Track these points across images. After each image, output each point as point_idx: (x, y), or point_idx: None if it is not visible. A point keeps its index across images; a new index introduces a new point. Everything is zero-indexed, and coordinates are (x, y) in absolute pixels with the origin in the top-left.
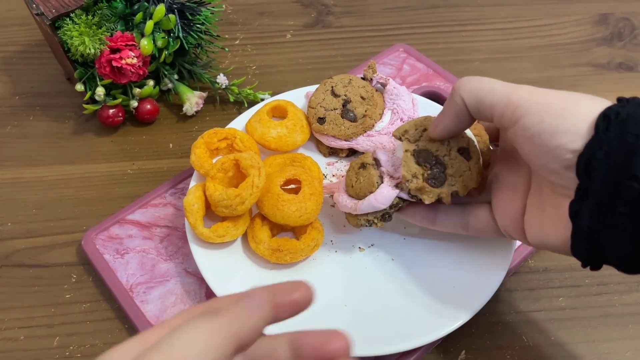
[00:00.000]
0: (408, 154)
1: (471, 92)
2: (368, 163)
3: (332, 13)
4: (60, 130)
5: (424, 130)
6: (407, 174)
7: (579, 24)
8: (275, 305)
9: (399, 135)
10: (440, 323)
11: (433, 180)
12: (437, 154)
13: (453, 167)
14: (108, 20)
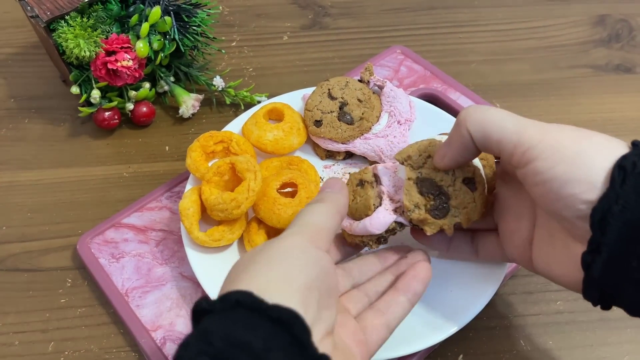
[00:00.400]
0: (411, 182)
1: (478, 125)
2: (367, 181)
3: (329, 15)
4: (56, 133)
5: (428, 157)
6: (409, 203)
7: (576, 26)
8: None
9: (402, 160)
10: (437, 327)
11: (436, 211)
12: (442, 184)
13: (457, 198)
14: (103, 22)
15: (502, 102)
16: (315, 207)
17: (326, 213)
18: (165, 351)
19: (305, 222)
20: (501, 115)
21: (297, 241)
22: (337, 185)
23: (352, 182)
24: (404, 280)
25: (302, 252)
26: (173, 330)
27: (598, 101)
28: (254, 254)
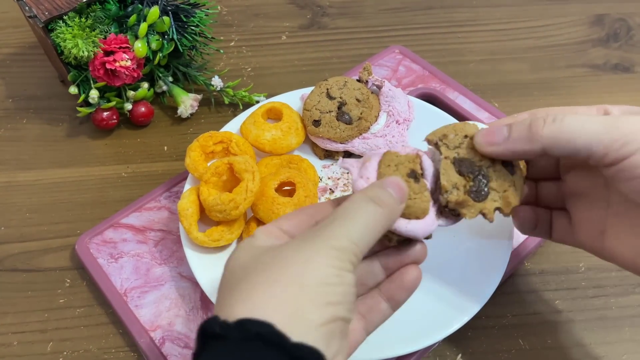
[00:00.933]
0: (448, 161)
1: (556, 138)
2: (419, 173)
3: (327, 14)
4: (54, 134)
5: (465, 137)
6: (447, 183)
7: (574, 25)
8: None
9: (436, 140)
10: (436, 327)
11: (475, 193)
12: (481, 164)
13: (497, 180)
14: (101, 22)
15: (501, 102)
16: (368, 210)
17: (375, 223)
18: (164, 351)
19: (348, 234)
20: (581, 121)
21: (330, 262)
22: (401, 192)
23: (400, 169)
24: (390, 285)
25: (335, 277)
26: (172, 330)
27: (596, 100)
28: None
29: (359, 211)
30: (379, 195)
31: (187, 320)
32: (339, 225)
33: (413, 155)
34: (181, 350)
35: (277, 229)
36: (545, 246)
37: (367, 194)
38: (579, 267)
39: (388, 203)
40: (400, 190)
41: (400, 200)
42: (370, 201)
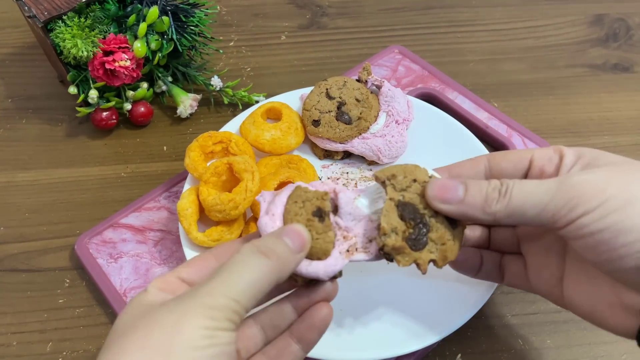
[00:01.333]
0: (392, 203)
1: (507, 213)
2: (325, 212)
3: (326, 14)
4: (53, 134)
5: (414, 181)
6: (387, 226)
7: (574, 25)
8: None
9: (384, 179)
10: (435, 327)
11: (413, 241)
12: (424, 212)
13: (437, 231)
14: (101, 22)
15: (500, 102)
16: (254, 263)
17: (262, 277)
18: None
19: (226, 291)
20: (528, 192)
21: (201, 323)
22: (300, 241)
23: (306, 206)
24: (300, 326)
25: (205, 339)
26: None
27: (595, 100)
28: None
29: (243, 265)
30: (270, 247)
31: None
32: (219, 282)
33: (322, 193)
34: None
35: (175, 279)
36: None
37: (256, 245)
38: None
39: (280, 255)
40: (300, 239)
41: (298, 249)
42: (258, 254)
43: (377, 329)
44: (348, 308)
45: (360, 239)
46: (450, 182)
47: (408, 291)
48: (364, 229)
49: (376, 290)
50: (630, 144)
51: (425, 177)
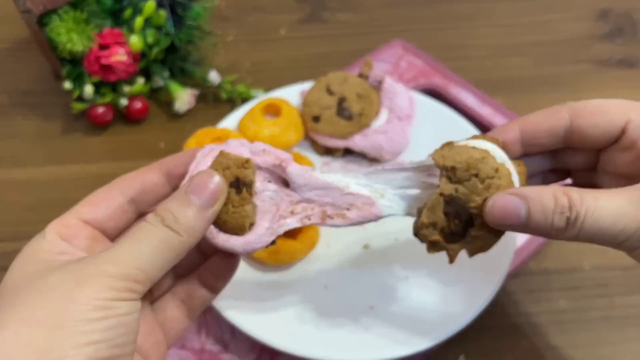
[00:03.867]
0: (440, 198)
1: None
2: (245, 184)
3: (327, 8)
4: (49, 130)
5: (475, 176)
6: (427, 220)
7: (579, 20)
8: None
9: (443, 167)
10: (438, 327)
11: (451, 236)
12: (474, 211)
13: (480, 230)
14: (96, 16)
15: (504, 98)
16: (162, 231)
17: (171, 245)
18: None
19: (130, 259)
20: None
21: (96, 293)
22: (207, 194)
23: (225, 175)
24: (205, 272)
25: (99, 311)
26: None
27: (600, 96)
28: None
29: (149, 234)
30: (175, 217)
31: None
32: (124, 249)
33: (242, 160)
34: (178, 351)
35: (77, 221)
36: (548, 245)
37: (160, 215)
38: (583, 266)
39: (187, 226)
40: (207, 192)
41: (208, 204)
42: (163, 226)
43: (379, 330)
44: (349, 308)
45: (331, 207)
46: (510, 204)
47: (410, 292)
48: (332, 196)
49: (378, 291)
50: None
51: (490, 171)
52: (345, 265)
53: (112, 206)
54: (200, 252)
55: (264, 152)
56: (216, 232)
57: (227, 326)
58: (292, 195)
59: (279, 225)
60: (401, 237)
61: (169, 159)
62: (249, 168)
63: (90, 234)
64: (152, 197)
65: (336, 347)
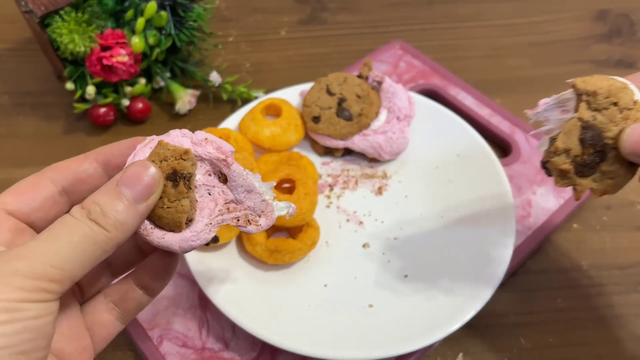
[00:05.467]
0: (578, 123)
1: None
2: (183, 176)
3: (327, 9)
4: (51, 130)
5: (614, 104)
6: (562, 145)
7: (577, 20)
8: None
9: (583, 92)
10: (437, 326)
11: (582, 167)
12: (609, 142)
13: (612, 165)
14: (98, 17)
15: (502, 98)
16: (84, 227)
17: (95, 242)
18: (162, 350)
19: (47, 256)
20: None
21: (5, 293)
22: (140, 187)
23: (162, 166)
24: (142, 273)
25: (5, 314)
26: (170, 329)
27: None
28: None
29: (72, 230)
30: (103, 210)
31: (185, 319)
32: (40, 245)
33: (181, 151)
34: (179, 349)
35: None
36: (547, 244)
37: (87, 208)
38: (581, 265)
39: (116, 221)
40: (141, 185)
41: (140, 198)
42: (89, 221)
43: (378, 328)
44: (349, 307)
45: (251, 211)
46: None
47: (409, 291)
48: (254, 201)
49: (377, 290)
50: None
51: (629, 102)
52: (345, 265)
53: (40, 196)
54: (138, 249)
55: (205, 141)
56: (151, 228)
57: (228, 324)
58: (227, 193)
59: (217, 222)
60: (400, 236)
61: (107, 148)
62: (188, 160)
63: (14, 226)
64: (87, 188)
65: (336, 345)
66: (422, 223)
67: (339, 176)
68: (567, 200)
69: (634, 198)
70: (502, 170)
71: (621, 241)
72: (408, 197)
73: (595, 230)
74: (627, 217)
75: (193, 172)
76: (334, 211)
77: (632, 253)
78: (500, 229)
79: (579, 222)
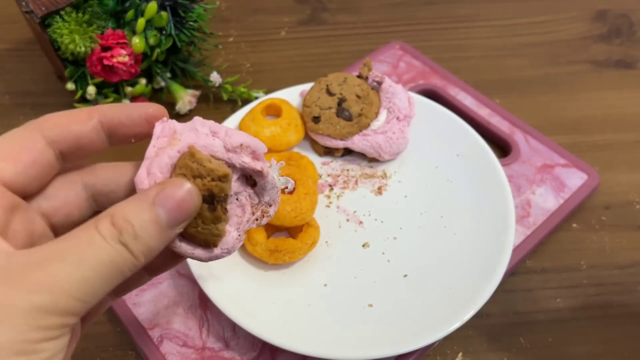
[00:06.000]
0: None
1: None
2: (220, 198)
3: (327, 10)
4: None
5: None
6: None
7: (576, 21)
8: None
9: None
10: (436, 325)
11: None
12: None
13: None
14: (99, 17)
15: (502, 98)
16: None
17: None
18: (162, 349)
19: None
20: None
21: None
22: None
23: (197, 184)
24: None
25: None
26: (170, 328)
27: (598, 97)
28: None
29: (101, 250)
30: (136, 233)
31: (185, 318)
32: (65, 270)
33: (221, 172)
34: (179, 348)
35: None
36: (546, 244)
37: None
38: (581, 265)
39: (147, 245)
40: (178, 209)
41: (175, 223)
42: (119, 245)
43: (378, 328)
44: (349, 306)
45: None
46: None
47: (409, 290)
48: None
49: (377, 289)
50: (634, 140)
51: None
52: (345, 264)
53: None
54: None
55: (241, 148)
56: (179, 241)
57: (228, 324)
58: (254, 198)
59: (244, 229)
60: (400, 236)
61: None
62: (227, 182)
63: (10, 202)
64: (86, 155)
65: (336, 344)
66: (422, 223)
67: (339, 176)
68: (567, 200)
69: (634, 198)
70: (501, 170)
71: (620, 241)
72: (408, 197)
73: (594, 230)
74: (626, 217)
75: (229, 193)
76: (334, 211)
77: (632, 253)
78: (500, 229)
79: (578, 221)
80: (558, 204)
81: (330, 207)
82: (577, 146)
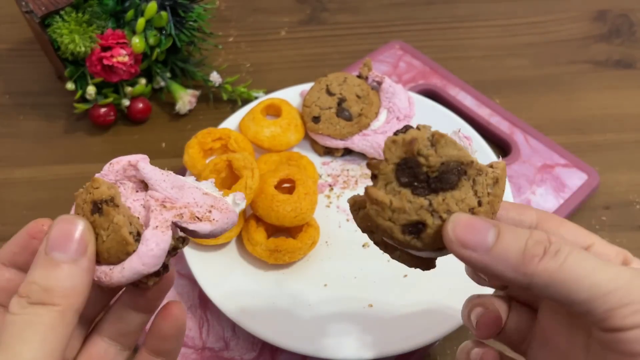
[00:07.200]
0: None
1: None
2: (104, 201)
3: (327, 10)
4: (51, 130)
5: None
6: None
7: (576, 21)
8: None
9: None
10: (436, 325)
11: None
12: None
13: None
14: (99, 17)
15: (502, 98)
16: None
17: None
18: None
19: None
20: (588, 267)
21: None
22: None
23: (84, 209)
24: (152, 340)
25: None
26: None
27: (598, 97)
28: None
29: (24, 327)
30: (43, 287)
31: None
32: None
33: (89, 184)
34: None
35: None
36: None
37: (26, 294)
38: None
39: (63, 291)
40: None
41: (77, 253)
42: (34, 307)
43: (378, 328)
44: (349, 306)
45: (195, 206)
46: (479, 222)
47: (409, 290)
48: (194, 196)
49: (377, 290)
50: (633, 140)
51: None
52: (345, 264)
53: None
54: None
55: (110, 166)
56: (108, 269)
57: (228, 324)
58: (155, 195)
59: (162, 222)
60: None
61: (5, 250)
62: (100, 186)
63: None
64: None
65: (336, 344)
66: None
67: (339, 176)
68: (567, 200)
69: (634, 198)
70: None
71: (620, 241)
72: None
73: (594, 230)
74: (626, 217)
75: (113, 193)
76: (334, 211)
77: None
78: None
79: (578, 221)
80: (558, 204)
81: (330, 207)
82: (577, 146)
